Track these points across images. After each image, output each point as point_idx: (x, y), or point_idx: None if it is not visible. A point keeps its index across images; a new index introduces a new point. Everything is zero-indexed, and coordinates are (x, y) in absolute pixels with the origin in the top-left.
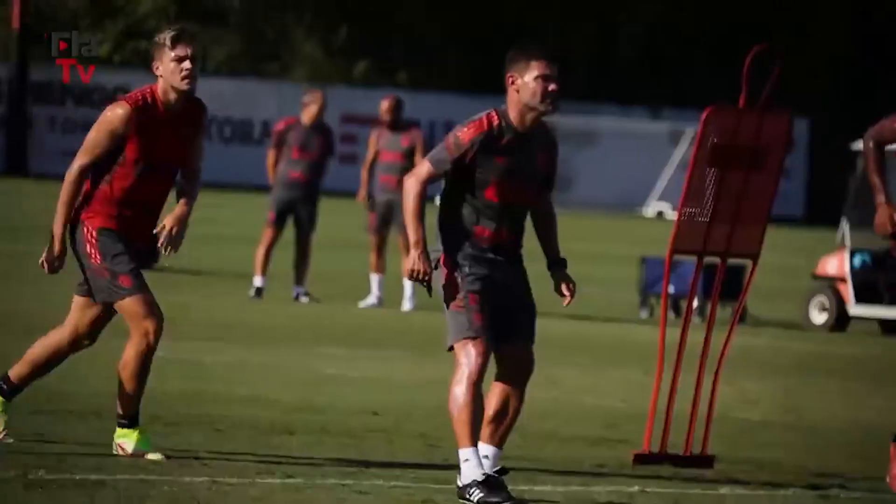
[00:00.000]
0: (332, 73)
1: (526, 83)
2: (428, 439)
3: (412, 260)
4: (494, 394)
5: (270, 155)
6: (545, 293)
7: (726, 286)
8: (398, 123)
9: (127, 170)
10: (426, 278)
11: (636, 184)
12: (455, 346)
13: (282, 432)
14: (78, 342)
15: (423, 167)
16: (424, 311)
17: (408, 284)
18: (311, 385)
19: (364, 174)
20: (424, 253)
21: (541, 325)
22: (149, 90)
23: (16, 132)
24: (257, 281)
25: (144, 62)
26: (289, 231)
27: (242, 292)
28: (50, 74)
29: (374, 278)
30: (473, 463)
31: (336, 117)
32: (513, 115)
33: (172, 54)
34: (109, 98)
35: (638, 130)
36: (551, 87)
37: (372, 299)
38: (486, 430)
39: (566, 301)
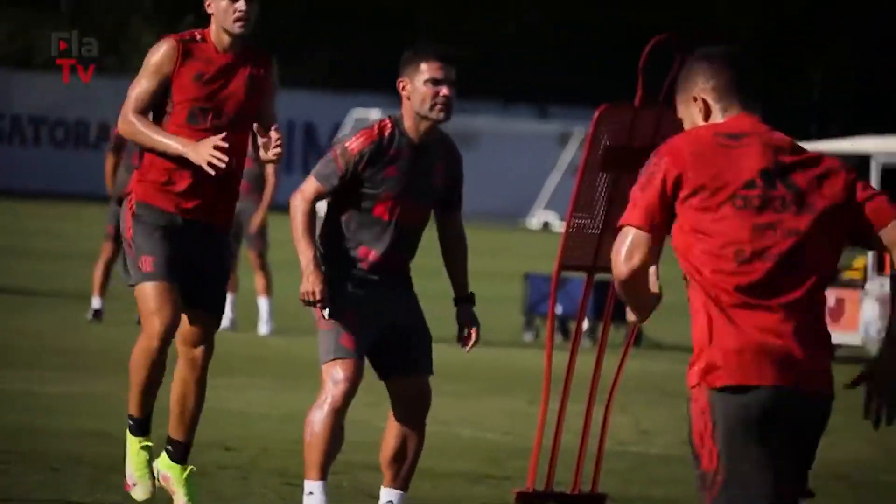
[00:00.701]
0: None
1: (416, 88)
2: (286, 477)
3: (305, 283)
4: (392, 434)
5: (109, 163)
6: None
7: (619, 306)
8: None
9: (177, 120)
10: (322, 302)
11: (520, 191)
12: (322, 367)
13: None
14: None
15: (310, 184)
16: (284, 335)
17: (264, 305)
18: (157, 417)
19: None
20: (319, 274)
21: None
22: (199, 31)
23: None
24: (95, 302)
25: None
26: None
27: (80, 314)
28: None
29: (227, 297)
30: (318, 499)
31: None
32: (407, 123)
33: None
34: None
35: (523, 131)
36: (443, 91)
37: (224, 321)
38: (387, 474)
39: (468, 346)
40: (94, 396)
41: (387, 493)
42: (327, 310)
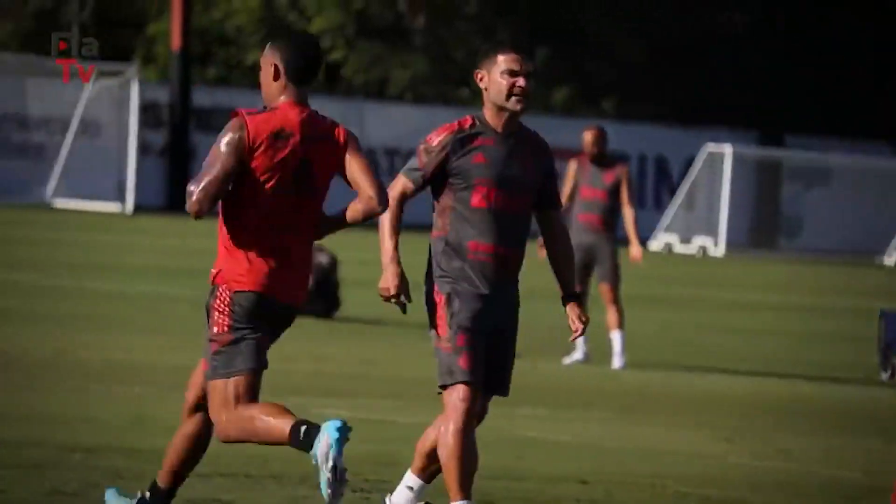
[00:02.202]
0: (530, 100)
1: (493, 79)
2: None
3: (384, 278)
4: (435, 429)
5: None
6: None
7: None
8: (602, 157)
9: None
10: (400, 299)
11: (874, 228)
12: (444, 391)
13: (480, 502)
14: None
15: (397, 181)
16: (637, 368)
17: (617, 339)
18: (511, 449)
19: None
20: (398, 271)
21: (752, 385)
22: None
23: (178, 163)
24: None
25: (319, 86)
26: None
27: (429, 344)
28: (215, 99)
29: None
30: None
31: None
32: (488, 115)
33: None
34: None
35: (876, 167)
36: (519, 82)
37: (578, 355)
38: (419, 462)
39: (576, 333)
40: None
41: (411, 479)
42: (406, 304)
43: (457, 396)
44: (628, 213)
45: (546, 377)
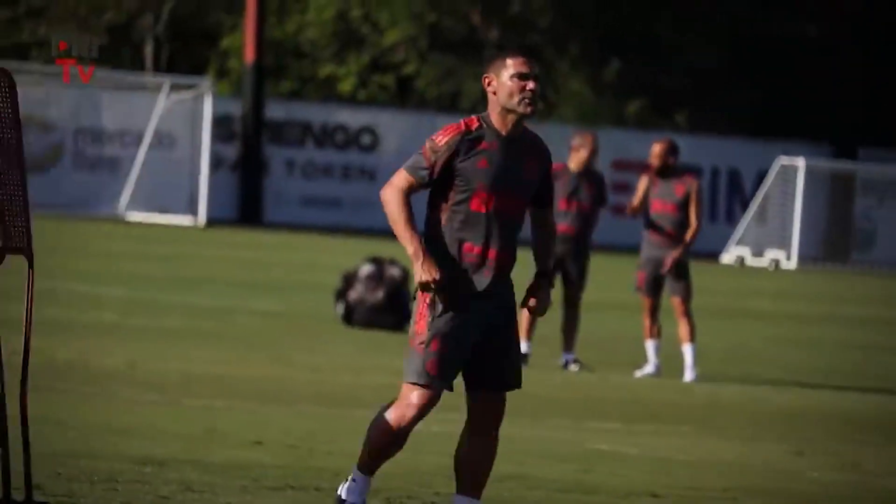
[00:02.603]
0: (602, 113)
1: (502, 83)
2: None
3: (419, 272)
4: (467, 443)
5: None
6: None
7: None
8: (671, 170)
9: None
10: (441, 284)
11: None
12: (403, 385)
13: None
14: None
15: (399, 175)
16: (709, 381)
17: (689, 352)
18: (582, 462)
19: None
20: (431, 259)
21: (824, 398)
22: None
23: (250, 176)
24: (523, 346)
25: (392, 99)
26: (556, 290)
27: None
28: (288, 112)
29: (650, 344)
30: (358, 488)
31: (607, 163)
32: (493, 118)
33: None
34: (353, 138)
35: None
36: (529, 85)
37: (649, 368)
38: (462, 482)
39: (526, 314)
40: (514, 439)
41: (459, 500)
42: (445, 296)
43: (416, 397)
44: (692, 226)
45: (617, 390)
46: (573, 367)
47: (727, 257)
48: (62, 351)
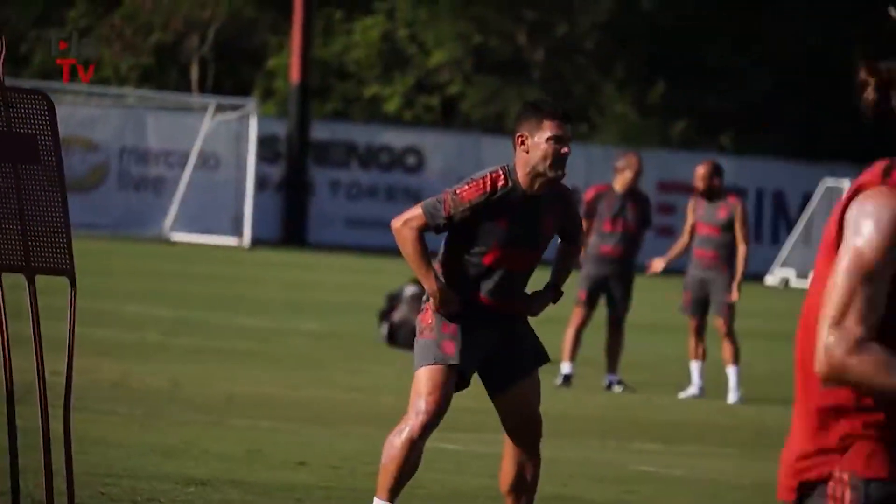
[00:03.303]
0: (647, 135)
1: (537, 144)
2: None
3: (443, 302)
4: (508, 461)
5: None
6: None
7: None
8: (715, 192)
9: None
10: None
11: None
12: (415, 377)
13: None
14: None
15: (416, 216)
16: (753, 403)
17: (732, 373)
18: (626, 483)
19: (675, 246)
20: (447, 292)
21: None
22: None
23: (294, 197)
24: (565, 367)
25: (437, 120)
26: (600, 312)
27: (549, 379)
28: (333, 133)
29: (695, 366)
30: None
31: (652, 184)
32: (520, 175)
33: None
34: (398, 159)
35: None
36: (563, 150)
37: (693, 389)
38: (509, 502)
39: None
40: (558, 460)
41: None
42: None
43: (428, 383)
44: (740, 250)
45: (661, 411)
46: (617, 389)
47: (772, 279)
48: (106, 371)
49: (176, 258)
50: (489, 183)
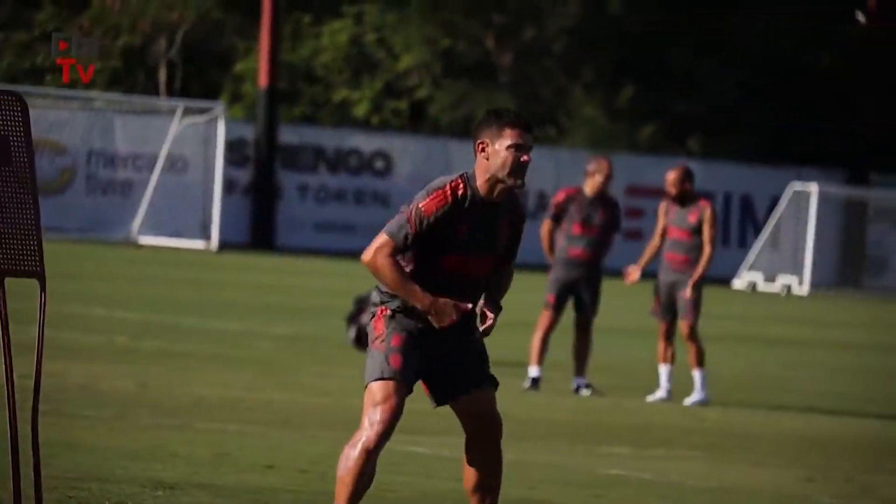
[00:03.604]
0: (616, 138)
1: (497, 151)
2: None
3: (446, 314)
4: (470, 462)
5: (545, 228)
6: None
7: None
8: (687, 197)
9: None
10: (472, 310)
11: None
12: (366, 390)
13: None
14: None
15: (381, 239)
16: (721, 407)
17: (697, 376)
18: (594, 487)
19: (647, 251)
20: (439, 302)
21: (835, 423)
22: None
23: (263, 200)
24: (533, 371)
25: (405, 124)
26: (568, 315)
27: (517, 383)
28: (301, 136)
29: (663, 369)
30: None
31: (620, 188)
32: (480, 182)
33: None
34: (366, 163)
35: None
36: (523, 158)
37: (661, 393)
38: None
39: (482, 326)
40: (525, 464)
41: None
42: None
43: (380, 393)
44: (705, 251)
45: (629, 415)
46: (585, 392)
47: (739, 282)
48: (74, 374)
49: (144, 261)
50: (450, 192)
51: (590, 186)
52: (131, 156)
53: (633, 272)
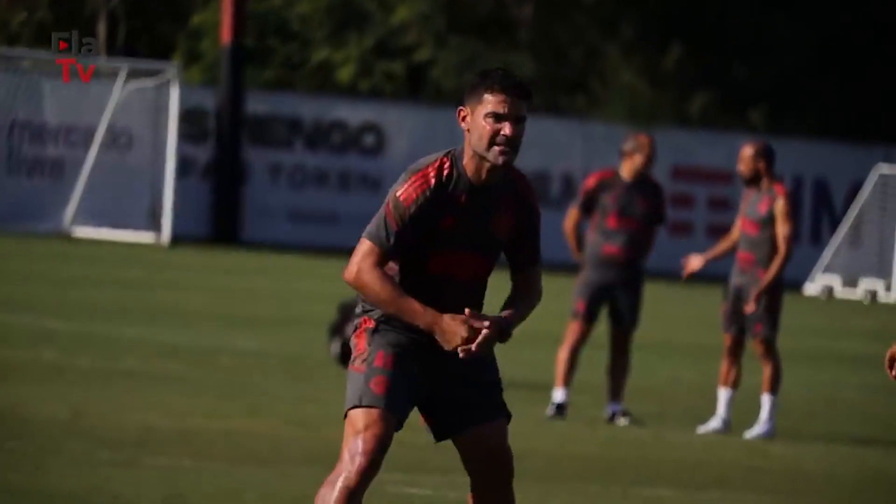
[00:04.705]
0: (660, 110)
1: (475, 121)
2: None
3: (450, 332)
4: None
5: (571, 220)
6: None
7: None
8: (759, 180)
9: None
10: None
11: None
12: (346, 419)
13: None
14: None
15: (363, 248)
16: (788, 439)
17: (767, 403)
18: None
19: (720, 243)
20: (444, 318)
21: None
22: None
23: (225, 184)
24: (558, 395)
25: (401, 91)
26: (601, 327)
27: (539, 409)
28: (273, 106)
29: (723, 394)
30: None
31: (665, 170)
32: (466, 161)
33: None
34: (353, 139)
35: None
36: (504, 129)
37: (716, 423)
38: None
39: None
40: None
41: None
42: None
43: (362, 422)
44: (779, 252)
45: (675, 450)
46: (621, 421)
47: (813, 287)
48: None
49: (79, 258)
50: (432, 174)
51: (627, 169)
52: (63, 129)
53: (694, 261)
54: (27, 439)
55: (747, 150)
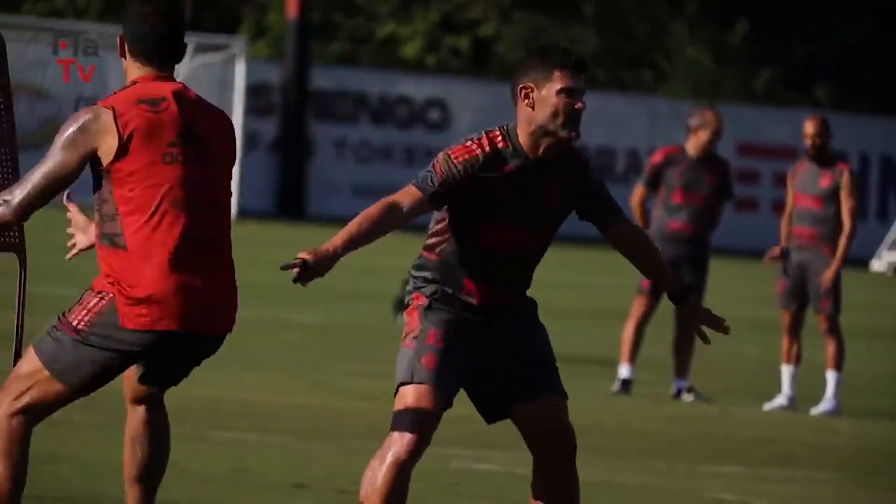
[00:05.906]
0: (726, 86)
1: (545, 98)
2: None
3: (314, 267)
4: (538, 482)
5: (638, 195)
6: None
7: None
8: (825, 154)
9: None
10: (301, 267)
11: None
12: (396, 395)
13: None
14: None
15: (406, 188)
16: (855, 417)
17: (832, 380)
18: None
19: (783, 225)
20: (331, 256)
21: None
22: None
23: (291, 159)
24: (623, 371)
25: (466, 67)
26: (666, 303)
27: (604, 385)
28: (339, 81)
29: (786, 371)
30: None
31: (731, 146)
32: (522, 136)
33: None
34: (417, 114)
35: None
36: (577, 105)
37: (782, 399)
38: None
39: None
40: (617, 486)
41: None
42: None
43: (411, 397)
44: (846, 227)
45: (741, 427)
46: (687, 398)
47: (878, 264)
48: None
49: None
50: (487, 143)
51: (694, 145)
52: None
53: (775, 249)
54: (93, 412)
55: (812, 125)
